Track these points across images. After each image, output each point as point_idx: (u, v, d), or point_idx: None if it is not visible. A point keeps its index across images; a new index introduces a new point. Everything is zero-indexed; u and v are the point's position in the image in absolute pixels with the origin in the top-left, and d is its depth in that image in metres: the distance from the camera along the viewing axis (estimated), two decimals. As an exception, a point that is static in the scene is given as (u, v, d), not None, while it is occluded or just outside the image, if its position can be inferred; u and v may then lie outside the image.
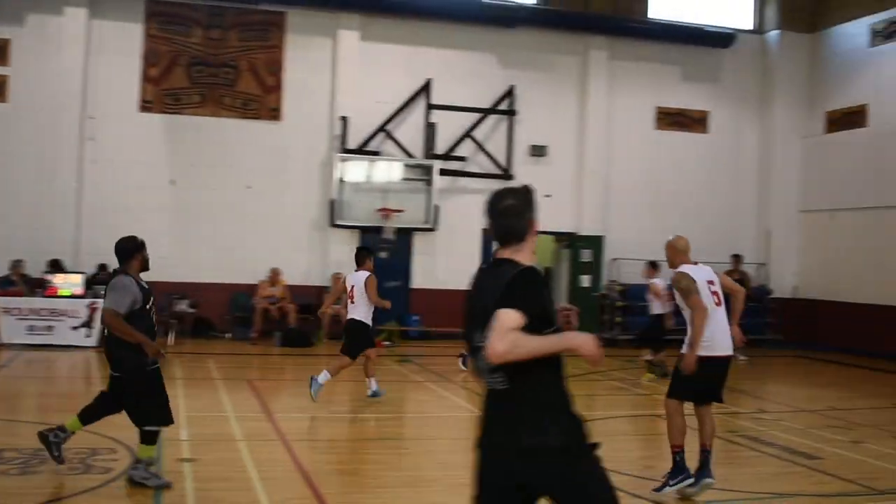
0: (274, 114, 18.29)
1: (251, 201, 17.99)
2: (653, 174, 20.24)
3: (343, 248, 17.78)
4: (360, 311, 10.66)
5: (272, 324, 17.22)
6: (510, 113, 19.27)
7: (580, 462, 3.55)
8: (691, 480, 6.93)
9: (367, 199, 17.99)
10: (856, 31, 19.72)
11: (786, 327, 19.64)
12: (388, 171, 18.30)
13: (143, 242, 6.88)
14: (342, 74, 18.39)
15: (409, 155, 18.58)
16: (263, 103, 18.26)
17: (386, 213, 17.92)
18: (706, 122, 20.83)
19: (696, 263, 7.37)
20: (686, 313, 7.14)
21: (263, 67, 18.28)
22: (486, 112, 19.10)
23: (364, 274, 10.68)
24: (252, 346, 16.47)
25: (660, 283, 13.29)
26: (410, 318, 18.09)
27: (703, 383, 6.98)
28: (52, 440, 6.82)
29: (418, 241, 18.66)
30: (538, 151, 19.46)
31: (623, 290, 19.09)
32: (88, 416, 6.96)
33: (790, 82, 20.82)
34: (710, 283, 7.18)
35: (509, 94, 19.25)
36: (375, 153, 18.40)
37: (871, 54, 19.31)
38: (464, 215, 18.48)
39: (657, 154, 20.33)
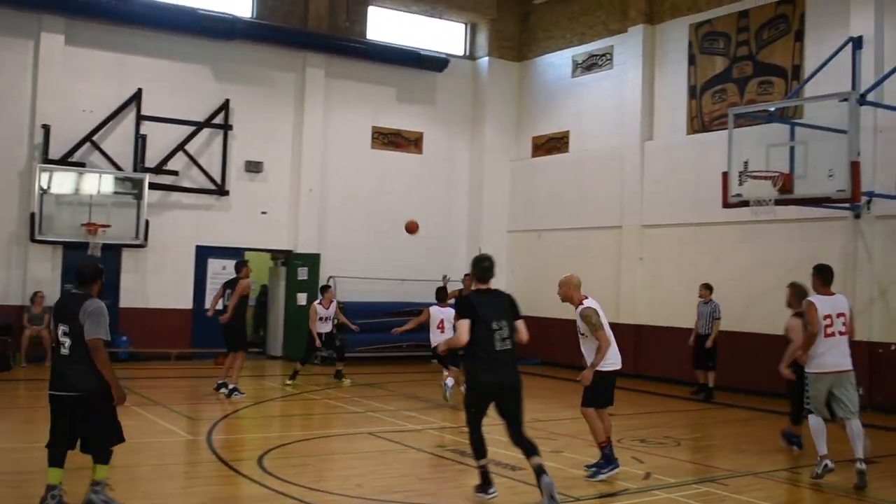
0: (-33, 119, 18.95)
1: (-60, 213, 18.54)
2: (369, 193, 23.03)
3: (44, 265, 19.02)
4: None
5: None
6: (225, 127, 21.20)
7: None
8: (618, 469, 9.78)
9: (72, 212, 19.07)
10: (560, 61, 23.61)
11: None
12: (95, 183, 19.41)
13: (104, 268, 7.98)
14: (44, 79, 19.36)
15: (118, 167, 19.90)
16: (-46, 107, 18.81)
17: (92, 228, 19.02)
18: (421, 142, 23.95)
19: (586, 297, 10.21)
20: (587, 340, 10.06)
21: (-45, 68, 18.84)
22: (200, 125, 20.93)
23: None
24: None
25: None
26: (118, 339, 19.22)
27: (606, 392, 10.07)
28: (99, 502, 7.53)
29: (127, 258, 20.02)
30: (254, 167, 21.54)
31: (340, 308, 21.33)
32: (60, 457, 7.59)
33: (500, 107, 24.47)
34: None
35: (224, 107, 21.19)
36: (81, 164, 19.55)
37: (572, 84, 23.20)
38: (176, 231, 20.18)
39: (374, 173, 23.18)
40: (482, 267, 8.81)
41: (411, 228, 15.42)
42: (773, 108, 16.05)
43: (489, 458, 8.87)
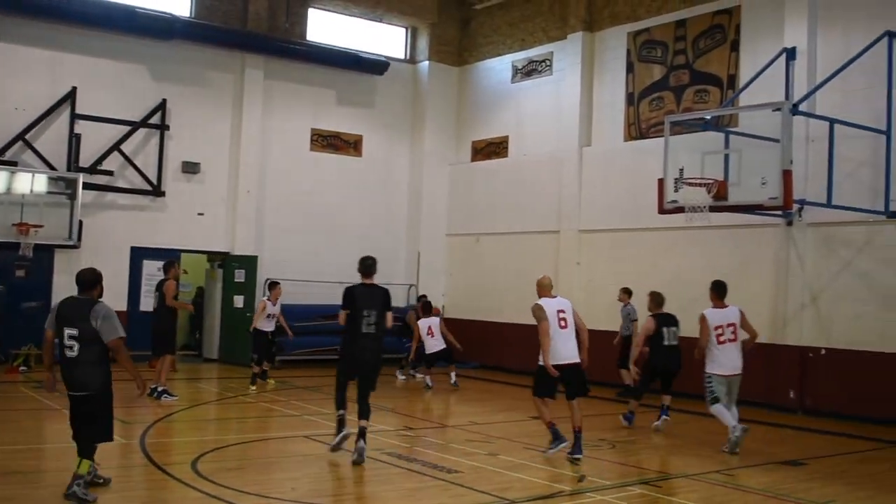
0: None
1: None
2: (308, 195, 22.94)
3: (-26, 265, 18.51)
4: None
5: None
6: (162, 127, 20.98)
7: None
8: (565, 444, 11.02)
9: (3, 212, 18.67)
10: (500, 66, 23.77)
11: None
12: (27, 183, 19.04)
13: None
14: (-26, 77, 19.02)
15: (51, 167, 19.60)
16: None
17: (23, 228, 18.69)
18: (360, 145, 23.92)
19: (555, 297, 11.35)
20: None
21: None
22: (136, 125, 20.69)
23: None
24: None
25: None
26: (51, 341, 18.90)
27: (550, 384, 11.11)
28: (81, 495, 8.00)
29: (60, 259, 19.66)
30: (191, 168, 21.35)
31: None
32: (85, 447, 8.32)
33: (439, 111, 24.57)
34: (561, 311, 11.19)
35: (161, 107, 20.97)
36: (12, 163, 19.21)
37: (512, 89, 23.37)
38: (111, 232, 19.94)
39: (312, 175, 23.10)
40: (366, 265, 11.06)
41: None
42: (708, 117, 16.29)
43: (345, 411, 10.87)
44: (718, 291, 12.30)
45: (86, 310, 8.18)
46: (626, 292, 17.93)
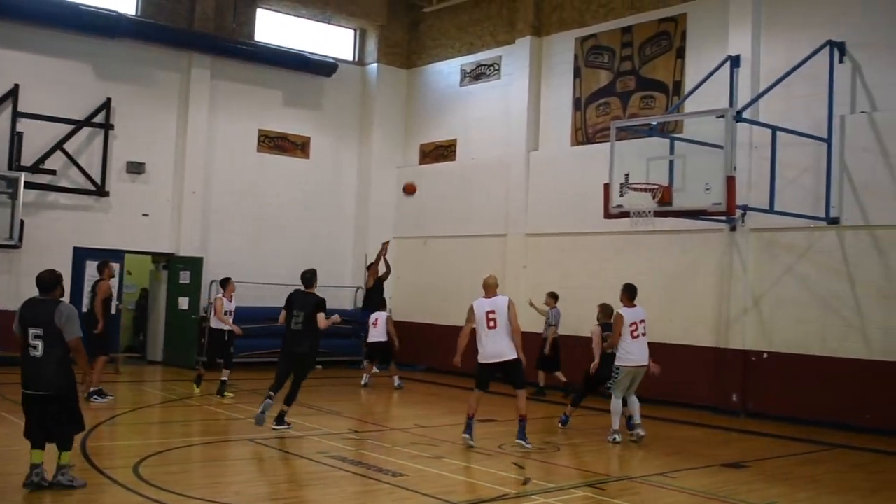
0: None
1: None
2: (255, 197, 22.77)
3: (-89, 265, 18.15)
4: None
5: None
6: (106, 126, 20.69)
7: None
8: (468, 437, 11.98)
9: (-59, 211, 18.40)
10: (448, 70, 23.80)
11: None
12: (-33, 181, 18.77)
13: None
14: (-87, 73, 18.65)
15: (-8, 165, 19.26)
16: None
17: (-37, 227, 18.40)
18: (308, 147, 23.77)
19: (492, 298, 12.09)
20: None
21: None
22: (79, 124, 20.38)
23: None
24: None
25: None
26: (-11, 343, 18.60)
27: (481, 378, 12.24)
28: (67, 482, 8.61)
29: (1, 259, 19.36)
30: (136, 168, 21.09)
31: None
32: (40, 442, 8.68)
33: (387, 114, 24.54)
34: (490, 311, 11.89)
35: (106, 106, 20.68)
36: (-48, 161, 18.85)
37: (461, 93, 23.41)
38: (53, 232, 19.62)
39: (259, 177, 22.93)
40: (304, 277, 13.15)
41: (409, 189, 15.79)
42: (654, 122, 16.46)
43: (276, 395, 12.51)
44: (630, 293, 13.14)
45: (51, 310, 8.48)
46: (552, 296, 18.39)
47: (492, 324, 11.90)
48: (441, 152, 23.83)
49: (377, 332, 18.85)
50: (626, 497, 9.57)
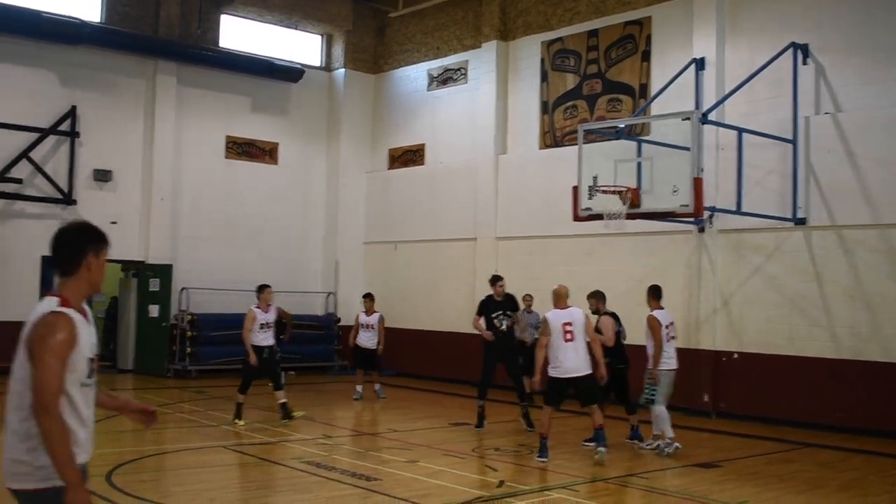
0: None
1: None
2: (224, 203, 22.67)
3: None
4: None
5: None
6: (72, 134, 20.52)
7: None
8: (545, 460, 11.30)
9: None
10: (415, 74, 23.79)
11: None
12: (-69, 191, 18.56)
13: None
14: None
15: (-43, 175, 19.04)
16: None
17: (-72, 237, 18.20)
18: (276, 153, 23.70)
19: (567, 308, 11.58)
20: None
21: None
22: (45, 132, 20.19)
23: None
24: None
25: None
26: (-43, 353, 18.41)
27: (554, 394, 11.47)
28: None
29: (-33, 269, 19.15)
30: (103, 176, 20.91)
31: (193, 320, 20.98)
32: None
33: (356, 119, 24.52)
34: (567, 323, 11.34)
35: (71, 114, 20.51)
36: (-85, 171, 18.62)
37: (428, 97, 23.42)
38: (20, 241, 19.43)
39: (228, 183, 22.84)
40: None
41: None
42: (621, 125, 16.53)
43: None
44: (656, 294, 12.71)
45: None
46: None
47: (569, 336, 11.37)
48: (410, 157, 23.83)
49: (369, 335, 17.82)
50: (600, 498, 9.64)
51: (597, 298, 13.33)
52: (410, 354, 22.03)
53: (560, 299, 11.72)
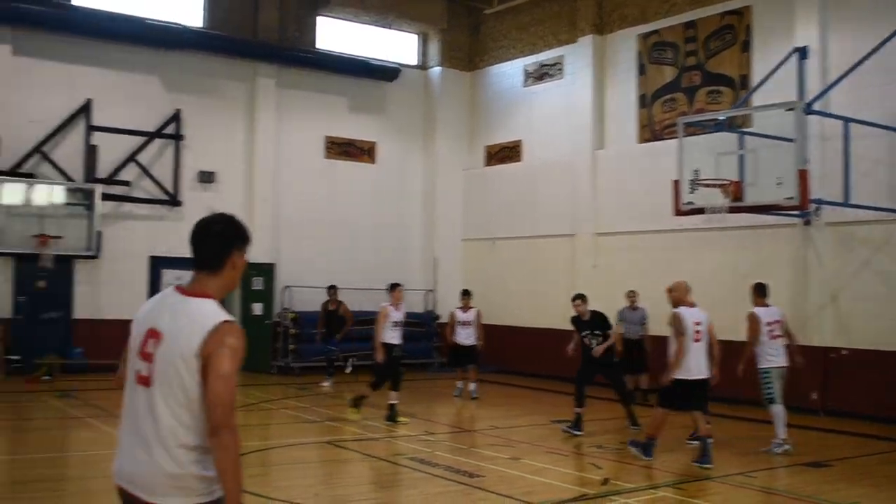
0: (-88, 131, 18.60)
1: None
2: (323, 203, 22.95)
3: (-4, 277, 18.67)
4: None
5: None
6: (177, 137, 21.01)
7: None
8: (650, 459, 11.01)
9: (22, 224, 18.82)
10: (511, 71, 23.75)
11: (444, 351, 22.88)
12: (46, 194, 19.22)
13: None
14: (-8, 90, 19.14)
15: (69, 178, 19.69)
16: None
17: (43, 239, 18.82)
18: (374, 152, 23.90)
19: (693, 306, 11.17)
20: (671, 343, 11.04)
21: None
22: (151, 136, 20.73)
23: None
24: None
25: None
26: (72, 351, 19.08)
27: (677, 397, 10.92)
28: None
29: (80, 270, 19.80)
30: (206, 178, 21.35)
31: (296, 318, 21.28)
32: None
33: (452, 117, 24.56)
34: (698, 323, 10.97)
35: (176, 118, 21.00)
36: (30, 175, 19.30)
37: (524, 93, 23.34)
38: (129, 242, 19.99)
39: (327, 183, 23.10)
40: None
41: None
42: (721, 117, 16.24)
43: None
44: (761, 292, 12.44)
45: None
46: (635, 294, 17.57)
47: (698, 336, 11.00)
48: (506, 153, 23.79)
49: (466, 332, 17.61)
50: (707, 497, 9.49)
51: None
52: (509, 351, 22.00)
53: (688, 295, 11.35)
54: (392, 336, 14.14)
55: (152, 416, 3.61)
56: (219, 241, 3.86)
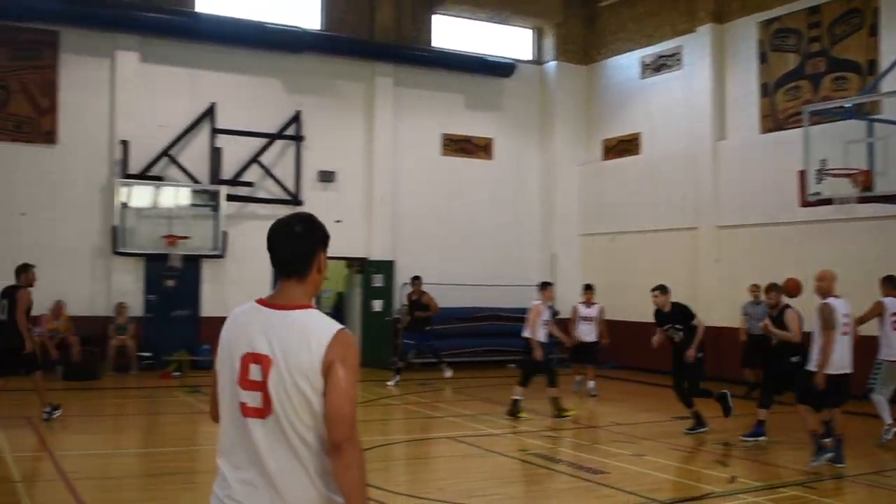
0: (49, 137, 19.46)
1: (26, 229, 18.97)
2: (441, 200, 23.08)
3: (128, 277, 19.50)
4: None
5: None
6: (297, 138, 21.42)
7: None
8: (830, 455, 10.33)
9: (152, 225, 19.57)
10: (628, 63, 23.43)
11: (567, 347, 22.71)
12: (173, 196, 19.93)
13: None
14: (121, 97, 19.86)
15: (195, 180, 20.29)
16: (37, 126, 19.38)
17: (172, 239, 19.50)
18: (491, 148, 23.91)
19: (839, 297, 10.65)
20: (818, 336, 10.46)
21: (36, 88, 19.38)
22: (272, 137, 21.20)
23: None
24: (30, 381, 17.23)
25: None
26: (200, 348, 19.61)
27: (820, 393, 10.37)
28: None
29: (207, 269, 20.40)
30: (327, 177, 21.70)
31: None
32: None
33: (568, 111, 24.36)
34: (846, 315, 10.51)
35: (296, 119, 21.42)
36: (159, 178, 19.97)
37: (642, 86, 23.01)
38: (253, 241, 20.30)
39: (445, 180, 23.21)
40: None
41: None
42: (849, 105, 15.72)
43: None
44: (893, 284, 12.24)
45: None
46: (758, 288, 16.72)
47: (846, 329, 10.51)
48: (624, 147, 23.50)
49: (589, 328, 17.39)
50: (840, 497, 9.23)
51: (777, 291, 12.32)
52: (631, 347, 21.70)
53: (834, 285, 10.74)
54: (543, 334, 14.13)
55: (283, 448, 3.30)
56: (304, 242, 3.57)
